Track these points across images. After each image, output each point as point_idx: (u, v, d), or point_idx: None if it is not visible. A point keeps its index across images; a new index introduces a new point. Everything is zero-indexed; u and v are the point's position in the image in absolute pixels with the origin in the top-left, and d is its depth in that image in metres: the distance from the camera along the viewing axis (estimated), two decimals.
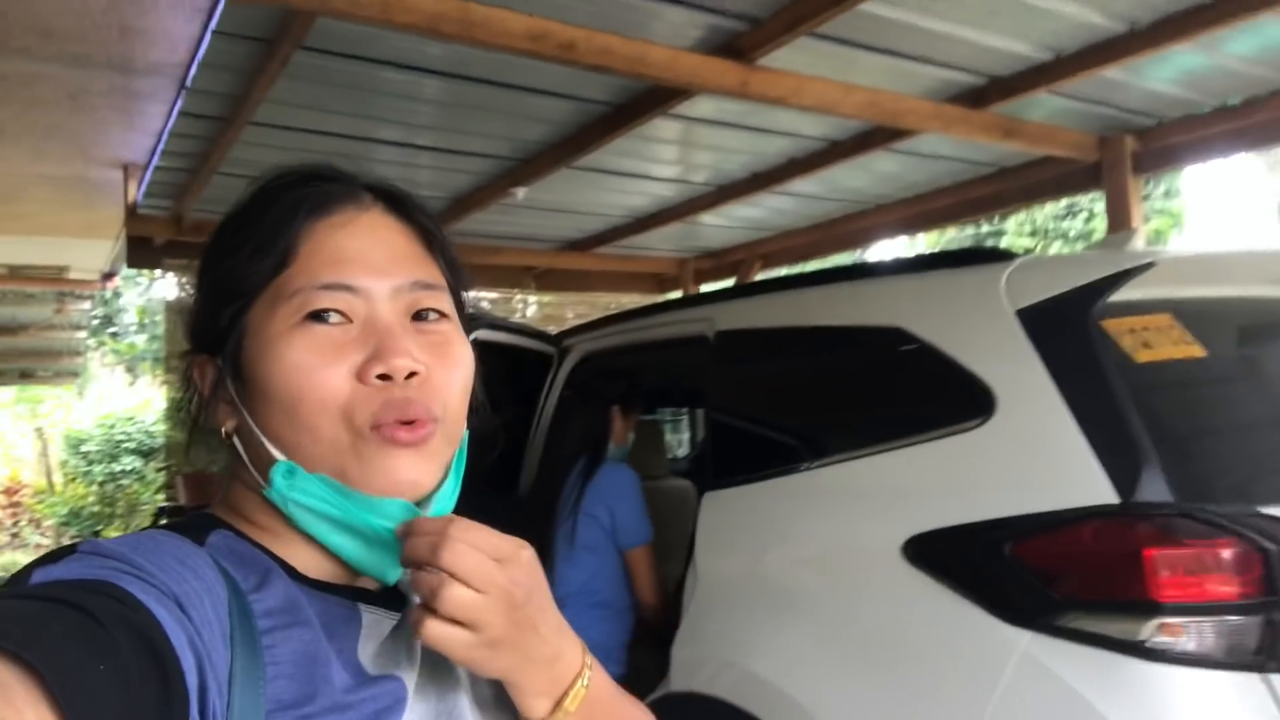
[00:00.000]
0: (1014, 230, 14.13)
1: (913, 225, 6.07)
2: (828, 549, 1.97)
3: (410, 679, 0.64)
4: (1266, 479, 1.64)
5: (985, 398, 1.78)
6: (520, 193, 4.70)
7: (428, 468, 0.65)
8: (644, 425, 3.84)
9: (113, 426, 11.81)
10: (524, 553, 0.62)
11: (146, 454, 11.44)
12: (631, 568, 2.65)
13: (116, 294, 15.00)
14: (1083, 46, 3.36)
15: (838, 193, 5.34)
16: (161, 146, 4.02)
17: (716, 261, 6.93)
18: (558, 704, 0.64)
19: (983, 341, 1.84)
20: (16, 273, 6.86)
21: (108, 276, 5.88)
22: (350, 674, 0.61)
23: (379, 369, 0.62)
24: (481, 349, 2.33)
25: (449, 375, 0.67)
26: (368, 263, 0.65)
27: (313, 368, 0.62)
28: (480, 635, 0.59)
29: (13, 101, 3.62)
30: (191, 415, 0.71)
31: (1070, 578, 1.59)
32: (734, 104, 3.52)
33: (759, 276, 6.89)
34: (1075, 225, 13.38)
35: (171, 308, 7.01)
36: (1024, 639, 1.56)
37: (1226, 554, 1.45)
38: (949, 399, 1.85)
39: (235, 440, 0.66)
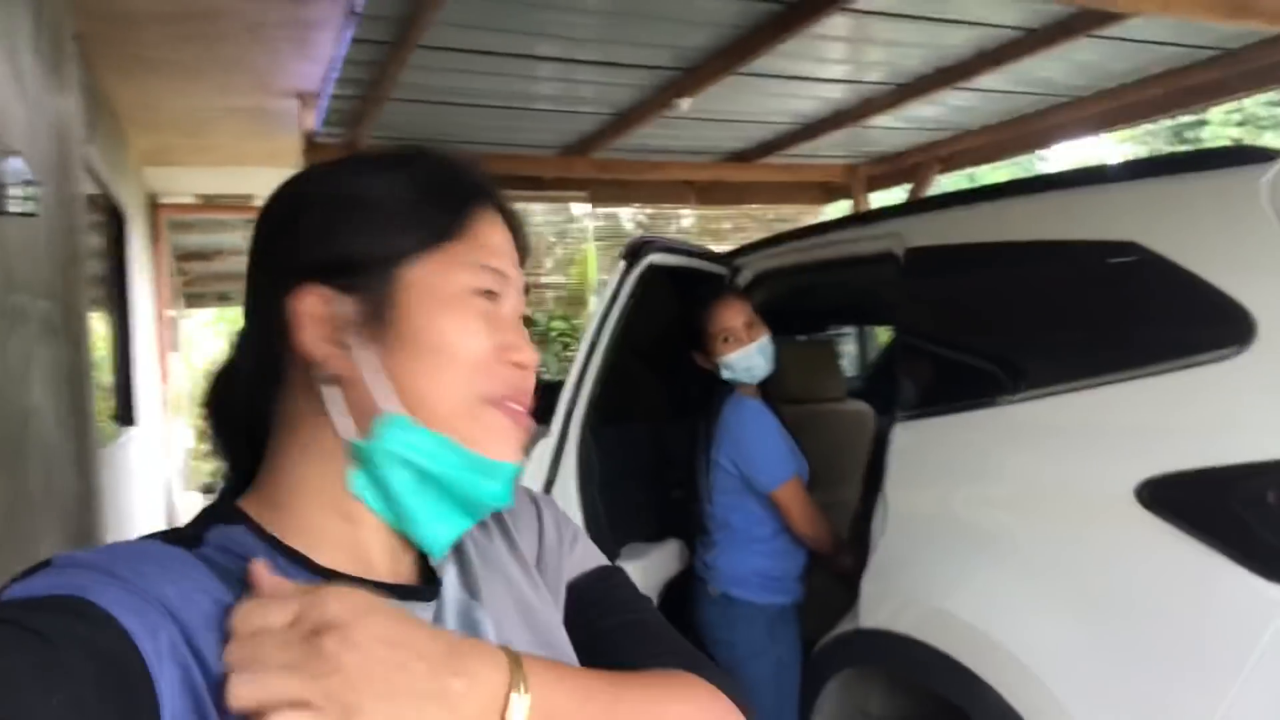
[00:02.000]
0: (1219, 121, 12.74)
1: (1109, 121, 5.51)
2: (1045, 488, 1.82)
3: None
4: None
5: (1241, 321, 1.56)
6: (685, 104, 4.53)
7: (521, 448, 0.71)
8: (816, 346, 3.69)
9: None
10: (331, 608, 0.53)
11: None
12: (780, 508, 2.44)
13: None
14: None
15: (1028, 85, 4.87)
16: (336, 74, 4.10)
17: (890, 166, 6.54)
18: None
19: (1239, 256, 1.60)
20: (210, 201, 7.32)
21: None
22: None
23: (518, 356, 0.69)
24: (654, 274, 2.25)
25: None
26: (512, 260, 0.72)
27: (477, 333, 0.66)
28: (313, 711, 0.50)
29: (198, 38, 3.76)
30: (266, 346, 0.68)
31: None
32: None
33: (938, 182, 6.48)
34: None
35: None
36: None
37: None
38: (1196, 324, 1.64)
39: (324, 386, 0.65)
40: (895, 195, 6.68)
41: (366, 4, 3.33)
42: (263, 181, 5.54)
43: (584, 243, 10.07)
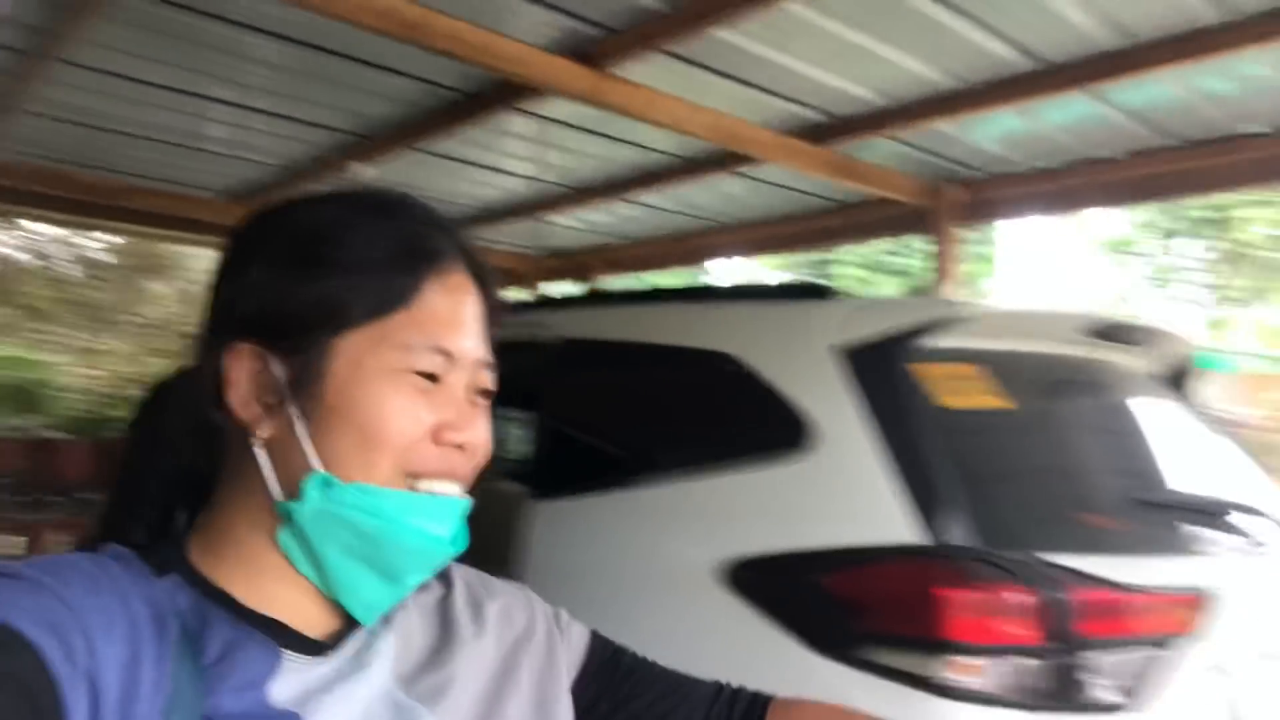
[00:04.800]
0: (846, 259, 14.84)
1: (756, 248, 6.25)
2: (650, 568, 1.97)
3: (314, 715, 0.63)
4: (1058, 527, 1.76)
5: (806, 430, 1.82)
6: (367, 172, 4.50)
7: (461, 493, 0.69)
8: None
9: None
10: None
11: None
12: None
13: None
14: (918, 98, 3.55)
15: (686, 208, 5.42)
16: None
17: (565, 262, 6.90)
18: None
19: (805, 375, 1.89)
20: None
21: None
22: (246, 704, 0.61)
23: (458, 438, 0.66)
24: None
25: (482, 446, 0.70)
26: (466, 334, 0.68)
27: (405, 414, 0.64)
28: None
29: None
30: (198, 403, 0.67)
31: (872, 612, 1.65)
32: (589, 110, 3.50)
33: (605, 281, 6.91)
34: (905, 261, 14.21)
35: None
36: (830, 669, 1.61)
37: (1014, 598, 1.54)
38: (772, 428, 1.89)
39: (256, 447, 0.65)
40: (569, 288, 7.04)
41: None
42: None
43: None
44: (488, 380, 0.71)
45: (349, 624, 0.69)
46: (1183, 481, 2.03)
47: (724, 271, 14.11)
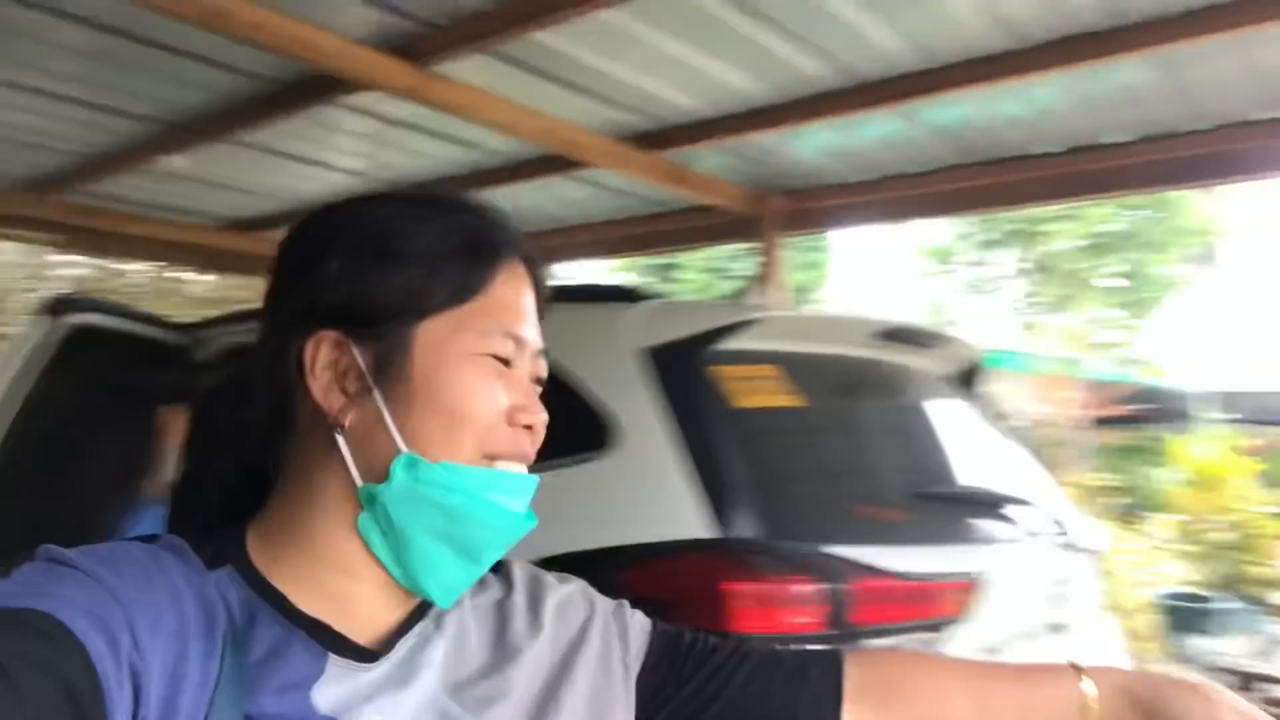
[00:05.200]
0: (688, 265, 15.17)
1: (593, 251, 6.29)
2: None
3: None
4: (844, 521, 1.86)
5: (611, 430, 1.85)
6: (179, 161, 4.26)
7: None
8: None
9: None
10: None
11: None
12: None
13: None
14: (740, 109, 3.66)
15: (521, 210, 5.39)
16: None
17: None
18: None
19: (610, 377, 1.92)
20: None
21: None
22: (287, 706, 0.62)
23: (527, 419, 0.70)
24: (89, 334, 2.06)
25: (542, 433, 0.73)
26: (530, 322, 0.72)
27: (489, 396, 0.68)
28: None
29: None
30: (279, 390, 0.69)
31: (667, 606, 1.68)
32: (420, 107, 3.43)
33: None
34: (745, 266, 14.66)
35: None
36: None
37: (795, 589, 1.62)
38: (579, 429, 1.91)
39: (338, 433, 0.67)
40: None
41: None
42: None
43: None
44: (543, 368, 0.75)
45: (401, 628, 0.70)
46: (963, 475, 2.19)
47: (566, 276, 14.17)
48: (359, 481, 0.66)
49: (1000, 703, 0.78)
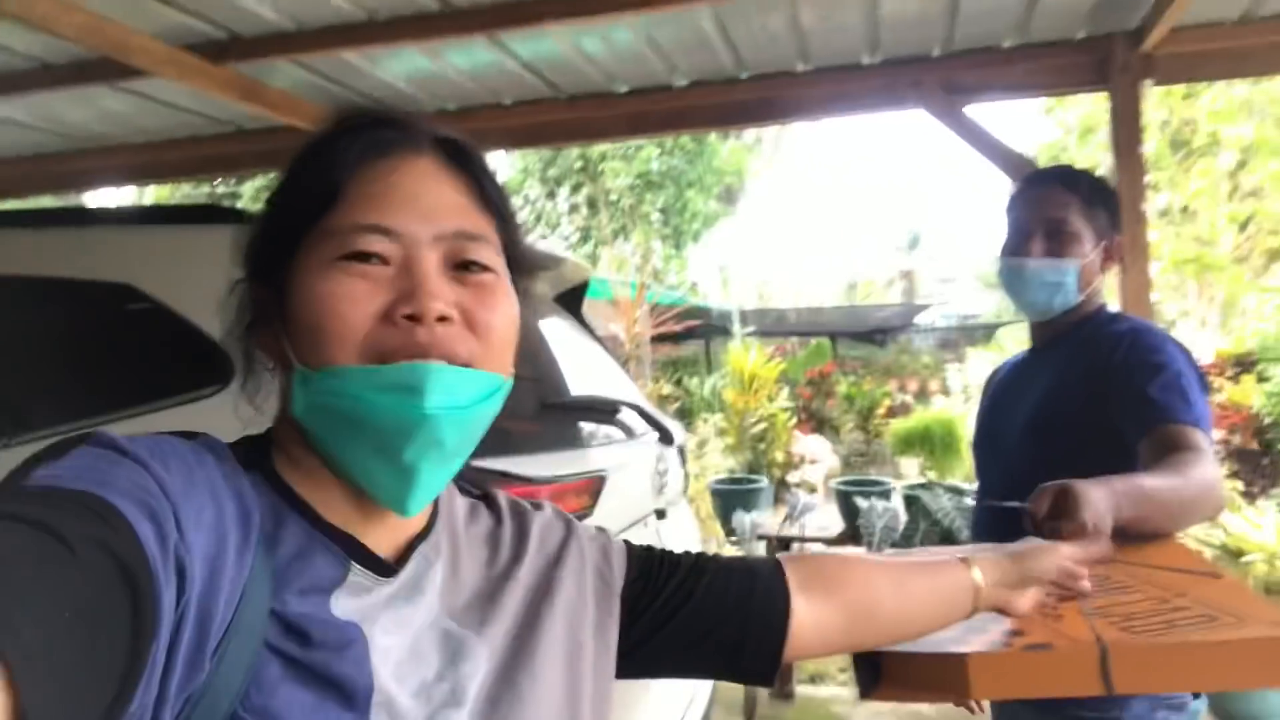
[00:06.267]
0: (251, 195, 13.99)
1: (142, 175, 5.54)
2: None
3: (373, 632, 0.67)
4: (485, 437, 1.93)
5: (225, 364, 1.72)
6: None
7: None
8: None
9: None
10: None
11: None
12: None
13: None
14: (325, 24, 3.46)
15: (53, 125, 4.58)
16: None
17: None
18: None
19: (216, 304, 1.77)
20: None
21: None
22: (310, 607, 0.65)
23: (406, 309, 0.66)
24: None
25: (487, 319, 0.69)
26: (412, 208, 0.69)
27: (339, 301, 0.66)
28: None
29: None
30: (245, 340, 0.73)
31: None
32: None
33: None
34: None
35: None
36: None
37: None
38: (188, 365, 1.74)
39: (268, 370, 0.73)
40: None
41: None
42: None
43: None
44: (472, 251, 0.70)
45: (407, 549, 0.73)
46: (579, 387, 2.37)
47: (105, 201, 12.29)
48: (290, 412, 0.70)
49: (914, 587, 0.93)
